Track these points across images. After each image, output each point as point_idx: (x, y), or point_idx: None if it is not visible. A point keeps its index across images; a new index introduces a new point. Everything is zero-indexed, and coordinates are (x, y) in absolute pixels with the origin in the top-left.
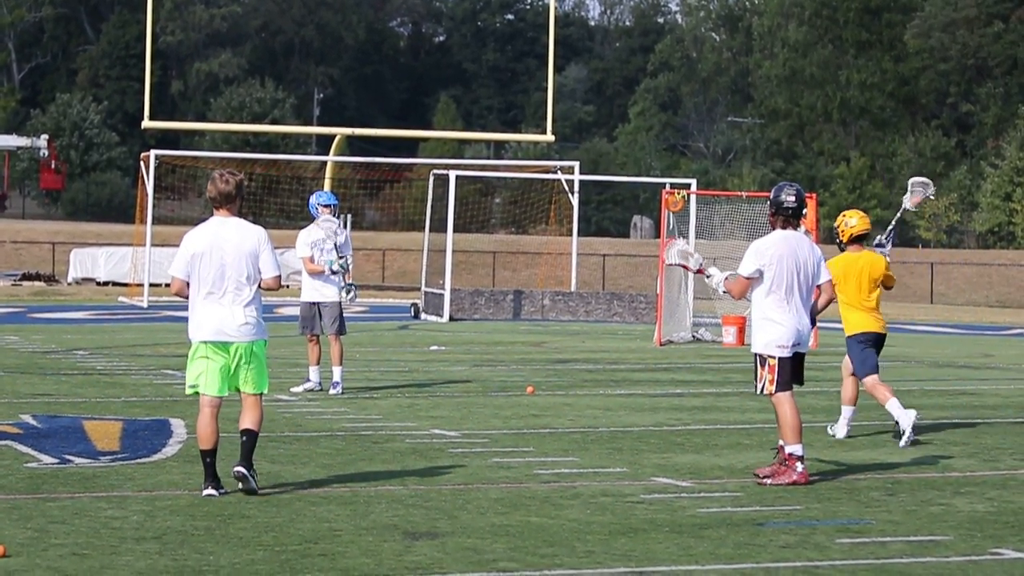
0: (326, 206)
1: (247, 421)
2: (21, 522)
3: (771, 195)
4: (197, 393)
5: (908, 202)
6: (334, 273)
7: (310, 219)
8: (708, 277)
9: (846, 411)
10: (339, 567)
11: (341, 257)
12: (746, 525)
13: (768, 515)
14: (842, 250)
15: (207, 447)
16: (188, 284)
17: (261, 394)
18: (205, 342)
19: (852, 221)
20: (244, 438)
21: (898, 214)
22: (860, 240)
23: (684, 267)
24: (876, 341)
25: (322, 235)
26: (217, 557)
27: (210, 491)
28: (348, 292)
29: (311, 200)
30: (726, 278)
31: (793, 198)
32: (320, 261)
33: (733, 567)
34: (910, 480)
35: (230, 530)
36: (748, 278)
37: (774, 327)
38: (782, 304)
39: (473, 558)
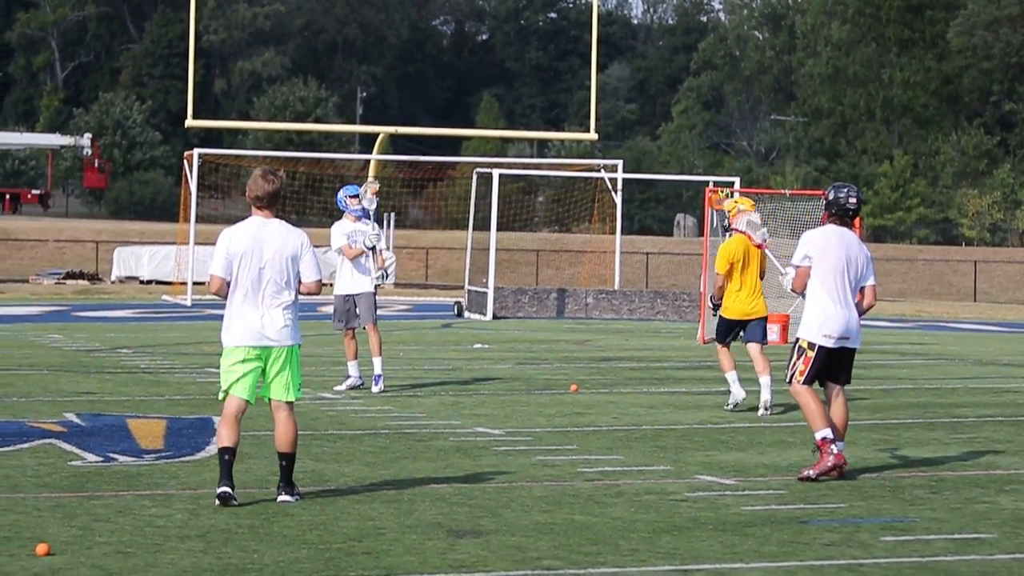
0: (353, 196)
1: (285, 443)
2: (65, 520)
3: (828, 194)
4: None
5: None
6: (371, 249)
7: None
8: (782, 275)
9: (730, 376)
10: (383, 565)
11: (375, 234)
12: (790, 523)
13: (812, 513)
14: (727, 232)
15: (228, 444)
16: (229, 283)
17: (292, 405)
18: (239, 346)
19: (743, 206)
20: (284, 463)
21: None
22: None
23: (748, 236)
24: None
25: (354, 227)
26: (261, 555)
27: (225, 488)
28: (382, 277)
29: (339, 195)
30: (795, 273)
31: (855, 200)
32: (356, 244)
33: (777, 565)
34: (954, 478)
35: (274, 528)
36: (799, 266)
37: (823, 315)
38: (831, 294)
39: (517, 556)
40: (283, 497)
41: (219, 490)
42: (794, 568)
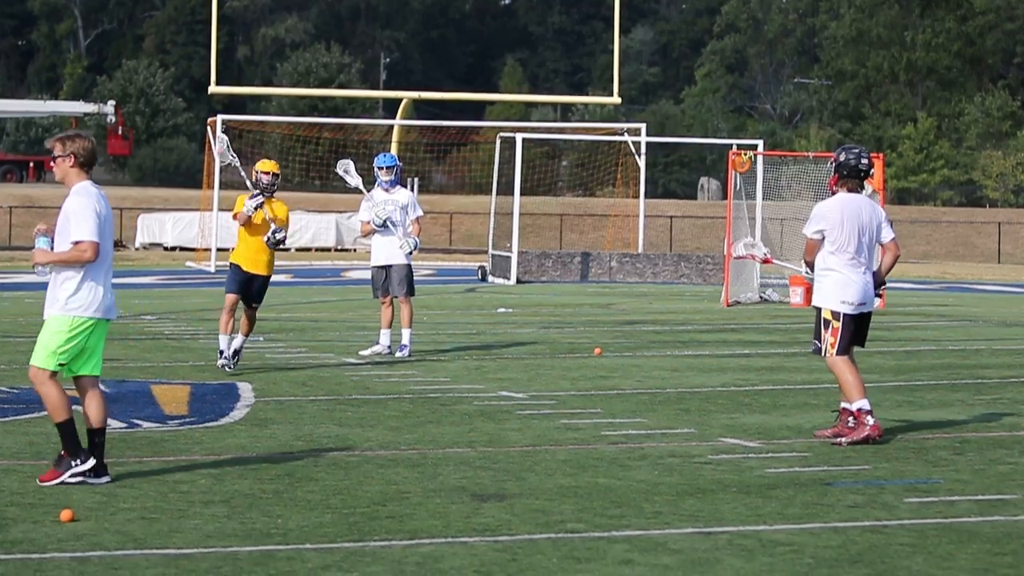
0: (381, 168)
1: (99, 418)
2: (89, 487)
3: (839, 156)
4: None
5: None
6: (382, 226)
7: (375, 183)
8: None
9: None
10: (407, 529)
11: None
12: (814, 485)
13: (836, 475)
14: None
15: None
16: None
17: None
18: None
19: None
20: (97, 440)
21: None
22: None
23: (752, 258)
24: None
25: (384, 198)
26: (285, 520)
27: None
28: (407, 247)
29: (374, 163)
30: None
31: (867, 161)
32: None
33: (801, 527)
34: (978, 439)
35: (298, 493)
36: (811, 239)
37: (838, 282)
38: (847, 263)
39: (541, 519)
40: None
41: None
42: (818, 530)
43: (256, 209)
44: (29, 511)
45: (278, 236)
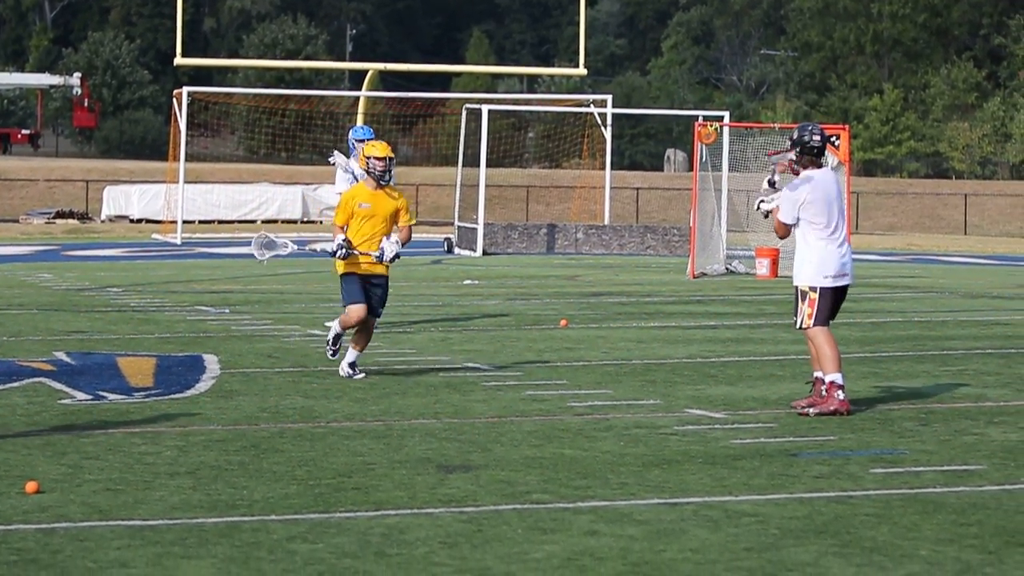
0: (360, 141)
1: None
2: (55, 458)
3: (795, 136)
4: None
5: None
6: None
7: (347, 153)
8: (763, 200)
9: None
10: (373, 500)
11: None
12: (780, 456)
13: (802, 446)
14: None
15: None
16: None
17: None
18: None
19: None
20: None
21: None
22: None
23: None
24: None
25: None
26: (251, 491)
27: None
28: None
29: (350, 136)
30: (774, 207)
31: (819, 137)
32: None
33: (767, 498)
34: (944, 410)
35: (263, 464)
36: (786, 224)
37: (819, 257)
38: (824, 238)
39: (507, 490)
40: None
41: None
42: (783, 500)
43: (342, 259)
44: None
45: (389, 252)
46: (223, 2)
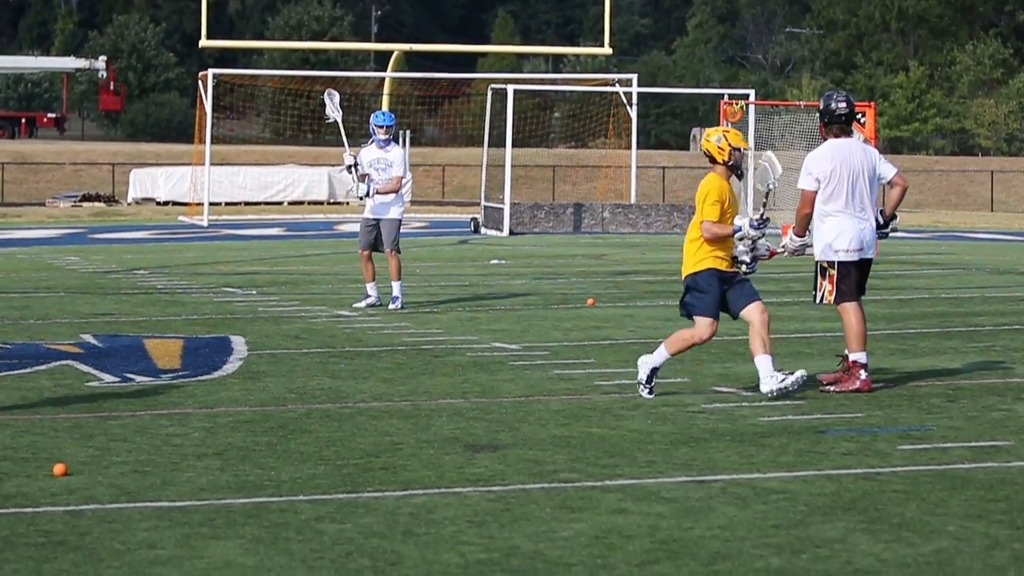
0: (380, 127)
1: None
2: (83, 440)
3: (820, 105)
4: None
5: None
6: (348, 168)
7: (368, 136)
8: (782, 249)
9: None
10: (400, 480)
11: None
12: (807, 433)
13: (829, 423)
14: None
15: None
16: None
17: None
18: None
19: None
20: None
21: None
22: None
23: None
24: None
25: (377, 155)
26: (278, 472)
27: None
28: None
29: (371, 121)
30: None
31: (844, 104)
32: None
33: (794, 475)
34: (971, 386)
35: (291, 445)
36: (807, 191)
37: (835, 231)
38: (843, 210)
39: (534, 469)
40: None
41: None
42: (811, 477)
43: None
44: (23, 465)
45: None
46: None
